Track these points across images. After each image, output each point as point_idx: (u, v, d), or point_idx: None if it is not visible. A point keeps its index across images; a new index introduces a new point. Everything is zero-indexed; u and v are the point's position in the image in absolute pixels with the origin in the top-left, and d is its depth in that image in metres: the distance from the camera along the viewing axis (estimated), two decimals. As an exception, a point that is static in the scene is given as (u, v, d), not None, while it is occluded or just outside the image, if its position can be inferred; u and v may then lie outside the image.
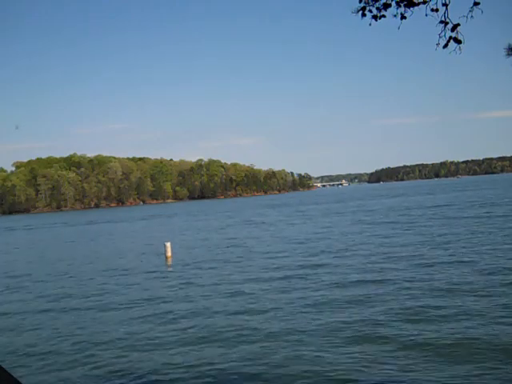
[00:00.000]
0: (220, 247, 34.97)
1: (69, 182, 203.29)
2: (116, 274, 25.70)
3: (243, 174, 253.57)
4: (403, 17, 5.73)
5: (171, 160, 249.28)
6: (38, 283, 25.00)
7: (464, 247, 26.29)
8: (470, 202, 66.44)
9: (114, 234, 57.84)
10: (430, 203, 70.90)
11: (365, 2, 5.86)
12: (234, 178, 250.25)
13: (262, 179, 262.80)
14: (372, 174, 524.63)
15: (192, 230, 53.38)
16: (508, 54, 5.97)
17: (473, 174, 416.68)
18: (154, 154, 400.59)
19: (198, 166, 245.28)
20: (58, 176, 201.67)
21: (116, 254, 35.69)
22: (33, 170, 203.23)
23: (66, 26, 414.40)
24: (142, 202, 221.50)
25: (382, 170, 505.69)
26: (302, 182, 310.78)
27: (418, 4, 5.63)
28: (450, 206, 60.47)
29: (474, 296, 15.74)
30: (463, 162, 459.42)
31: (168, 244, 30.89)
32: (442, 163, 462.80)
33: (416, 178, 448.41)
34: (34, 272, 28.94)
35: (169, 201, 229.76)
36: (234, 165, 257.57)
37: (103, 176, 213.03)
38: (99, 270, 27.82)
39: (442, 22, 5.50)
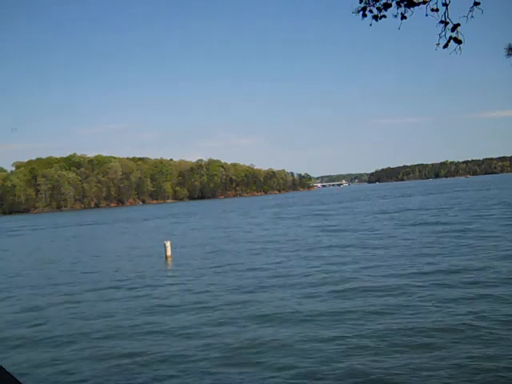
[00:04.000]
0: (220, 247, 35.00)
1: (69, 182, 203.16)
2: (116, 273, 25.73)
3: (243, 174, 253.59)
4: (403, 17, 5.75)
5: (171, 160, 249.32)
6: (32, 287, 24.98)
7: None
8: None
9: (113, 233, 57.85)
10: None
11: (365, 3, 5.88)
12: (233, 177, 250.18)
13: (261, 179, 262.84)
14: (372, 174, 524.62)
15: (191, 230, 53.43)
16: (508, 54, 6.00)
17: (473, 174, 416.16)
18: (153, 154, 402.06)
19: (198, 166, 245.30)
20: (58, 176, 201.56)
21: (116, 253, 35.69)
22: (33, 170, 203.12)
23: (67, 26, 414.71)
24: (141, 202, 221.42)
25: (382, 170, 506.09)
26: (302, 182, 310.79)
27: (419, 4, 5.65)
28: None
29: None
30: (463, 162, 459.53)
31: (168, 243, 30.87)
32: (441, 163, 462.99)
33: (416, 178, 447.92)
34: (26, 274, 28.83)
35: (169, 201, 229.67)
36: (234, 165, 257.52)
37: (103, 176, 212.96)
38: (98, 268, 27.85)
39: (442, 21, 5.52)
